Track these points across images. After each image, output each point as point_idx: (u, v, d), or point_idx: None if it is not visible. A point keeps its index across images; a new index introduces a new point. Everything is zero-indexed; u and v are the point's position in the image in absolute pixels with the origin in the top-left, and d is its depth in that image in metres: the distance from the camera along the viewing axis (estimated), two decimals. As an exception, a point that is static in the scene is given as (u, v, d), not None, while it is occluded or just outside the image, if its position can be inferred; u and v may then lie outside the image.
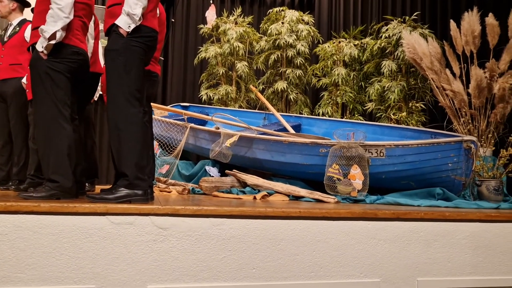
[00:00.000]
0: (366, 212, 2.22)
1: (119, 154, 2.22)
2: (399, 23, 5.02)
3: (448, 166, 3.15)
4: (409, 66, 4.93)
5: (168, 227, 1.96)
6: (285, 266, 2.08)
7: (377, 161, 3.26)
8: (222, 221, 2.03)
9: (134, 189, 2.16)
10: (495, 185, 3.23)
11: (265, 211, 2.09)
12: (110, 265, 1.88)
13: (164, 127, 4.38)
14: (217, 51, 5.56)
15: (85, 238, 1.88)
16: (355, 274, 2.17)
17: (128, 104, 2.20)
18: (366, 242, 2.20)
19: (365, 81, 5.34)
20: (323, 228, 2.15)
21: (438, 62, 4.11)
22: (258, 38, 5.78)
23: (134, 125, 2.21)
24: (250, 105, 5.73)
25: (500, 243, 2.38)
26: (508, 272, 2.38)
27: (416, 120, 4.77)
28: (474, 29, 3.97)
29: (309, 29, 5.54)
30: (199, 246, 1.99)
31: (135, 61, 2.23)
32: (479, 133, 3.93)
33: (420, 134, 3.83)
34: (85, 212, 1.89)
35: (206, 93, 5.59)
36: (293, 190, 3.23)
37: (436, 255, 2.28)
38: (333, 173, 3.22)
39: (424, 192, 3.20)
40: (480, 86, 3.83)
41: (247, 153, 3.83)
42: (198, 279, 1.97)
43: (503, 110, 3.84)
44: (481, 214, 2.39)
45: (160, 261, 1.94)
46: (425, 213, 2.30)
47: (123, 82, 2.20)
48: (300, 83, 5.60)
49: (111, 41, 2.25)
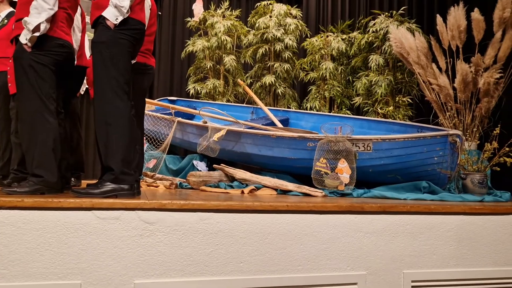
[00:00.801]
0: (353, 205, 2.23)
1: (106, 148, 2.19)
2: (386, 18, 5.04)
3: (434, 159, 3.19)
4: (396, 60, 4.96)
5: (155, 221, 1.95)
6: (273, 259, 2.09)
7: (364, 155, 3.29)
8: (210, 215, 2.02)
9: (120, 184, 2.14)
10: (480, 179, 3.28)
11: (253, 205, 2.09)
12: (95, 260, 1.87)
13: (151, 121, 4.34)
14: (205, 44, 5.52)
15: (70, 233, 1.85)
16: (342, 267, 2.18)
17: (116, 97, 2.17)
18: (353, 235, 2.21)
19: (353, 75, 5.36)
20: (311, 222, 2.16)
21: (424, 57, 4.14)
22: (246, 32, 5.76)
23: (122, 119, 2.19)
24: (238, 99, 5.72)
25: (483, 235, 2.42)
26: (492, 264, 2.42)
27: (403, 114, 4.81)
28: (460, 24, 4.00)
29: (297, 23, 5.53)
30: (186, 240, 1.98)
31: (122, 53, 2.20)
32: (464, 127, 3.97)
33: (406, 128, 3.87)
34: (70, 207, 1.86)
35: (193, 87, 5.56)
36: (281, 184, 3.24)
37: (421, 247, 2.31)
38: (320, 167, 3.23)
39: (410, 186, 3.23)
40: (465, 81, 3.87)
41: (235, 147, 3.82)
42: (185, 273, 1.97)
43: (488, 104, 3.89)
44: (465, 207, 2.42)
45: (146, 256, 1.93)
46: (411, 206, 2.32)
47: (110, 75, 2.17)
48: (288, 77, 5.60)
49: (98, 34, 2.21)
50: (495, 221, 2.44)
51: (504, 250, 2.44)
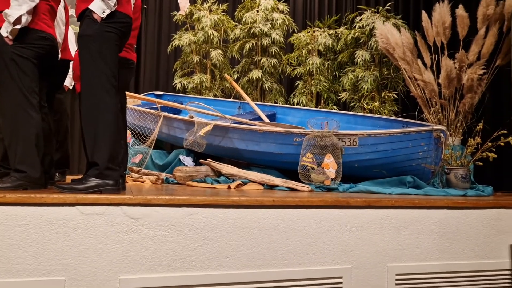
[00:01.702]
0: (338, 200, 2.25)
1: (92, 143, 2.16)
2: (372, 13, 5.07)
3: (419, 154, 3.23)
4: (382, 56, 4.99)
5: (140, 217, 1.94)
6: (259, 254, 2.10)
7: (350, 150, 3.31)
8: (196, 211, 2.02)
9: (105, 179, 2.12)
10: (463, 173, 3.33)
11: (239, 200, 2.09)
12: (80, 256, 1.85)
13: (137, 116, 4.31)
14: (191, 38, 5.49)
15: (54, 229, 1.83)
16: (327, 261, 2.20)
17: (103, 92, 2.14)
18: (338, 230, 2.23)
19: (339, 70, 5.38)
20: (297, 217, 2.17)
21: (410, 53, 4.18)
22: (232, 26, 5.73)
23: (109, 114, 2.16)
24: (224, 94, 5.70)
25: (466, 229, 2.46)
26: (474, 257, 2.47)
27: (389, 109, 4.86)
28: (445, 20, 4.04)
29: (284, 18, 5.52)
30: (172, 236, 1.97)
31: (110, 47, 2.17)
32: (448, 123, 4.03)
33: (392, 123, 3.91)
34: (53, 202, 1.84)
35: (180, 81, 5.52)
36: (268, 179, 3.24)
37: (405, 241, 2.34)
38: (307, 162, 3.25)
39: (395, 180, 3.27)
40: (450, 77, 3.92)
41: (222, 142, 3.81)
42: (171, 268, 1.96)
43: (471, 100, 3.95)
44: (448, 201, 2.46)
45: (132, 252, 1.92)
46: (396, 201, 2.35)
47: (99, 69, 2.13)
48: (275, 72, 5.60)
49: (84, 27, 2.18)
50: (477, 215, 2.49)
51: (485, 243, 2.49)
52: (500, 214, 2.53)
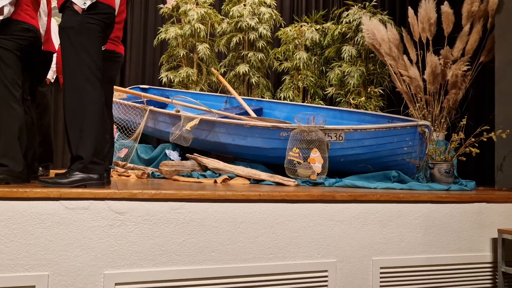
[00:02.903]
0: (324, 194, 2.26)
1: (76, 137, 2.13)
2: (359, 9, 5.09)
3: (404, 149, 3.26)
4: (369, 51, 5.02)
5: (125, 211, 1.92)
6: (245, 248, 2.10)
7: (336, 145, 3.33)
8: (181, 205, 2.01)
9: (89, 173, 2.09)
10: (446, 168, 3.38)
11: (225, 194, 2.09)
12: (64, 251, 1.83)
13: (123, 110, 4.26)
14: (178, 32, 5.44)
15: (37, 224, 1.81)
16: (313, 255, 2.22)
17: (87, 84, 2.11)
18: (324, 224, 2.25)
19: (326, 65, 5.40)
20: (283, 211, 2.18)
21: (396, 48, 4.21)
22: (219, 20, 5.70)
23: (93, 107, 2.13)
24: (211, 88, 5.67)
25: (449, 223, 2.50)
26: (457, 250, 2.51)
27: (375, 105, 4.89)
28: (430, 16, 4.08)
29: (271, 12, 5.50)
30: (157, 230, 1.96)
31: (92, 39, 2.14)
32: (433, 118, 4.08)
33: (377, 118, 3.94)
34: (36, 197, 1.81)
35: (166, 75, 5.47)
36: (254, 173, 3.24)
37: (390, 235, 2.37)
38: (293, 157, 3.26)
39: (380, 175, 3.30)
40: (434, 73, 3.96)
41: (208, 137, 3.80)
42: (156, 263, 1.95)
43: (455, 96, 4.00)
44: (432, 196, 2.49)
45: (117, 246, 1.90)
46: (381, 195, 2.37)
47: (81, 61, 2.10)
48: (262, 67, 5.58)
49: (65, 19, 2.14)
50: (460, 209, 2.53)
51: (468, 236, 2.54)
52: (482, 208, 2.58)
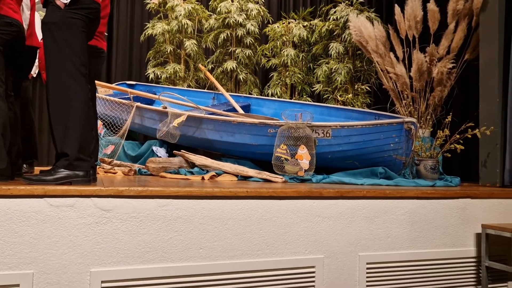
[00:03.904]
0: (311, 191, 2.27)
1: (61, 134, 2.10)
2: (346, 6, 5.10)
3: (390, 146, 3.29)
4: (356, 48, 5.04)
5: (111, 208, 1.90)
6: (232, 245, 2.10)
7: (324, 142, 3.34)
8: (168, 202, 2.00)
9: (74, 170, 2.07)
10: (432, 164, 3.42)
11: (212, 191, 2.08)
12: (49, 249, 1.81)
13: (109, 106, 4.22)
14: (165, 28, 5.39)
15: (21, 222, 1.78)
16: (300, 251, 2.23)
17: (72, 80, 2.08)
18: (311, 220, 2.26)
19: (314, 62, 5.41)
20: (270, 207, 2.18)
21: (382, 46, 4.23)
22: (207, 16, 5.67)
23: (79, 103, 2.10)
24: (199, 84, 5.64)
25: (434, 218, 2.53)
26: (442, 245, 2.55)
27: (361, 102, 4.92)
28: (417, 14, 4.11)
29: (259, 8, 5.49)
30: (144, 227, 1.95)
31: (76, 34, 2.10)
32: (419, 115, 4.12)
33: (364, 115, 3.96)
34: (20, 194, 1.79)
35: (153, 71, 5.43)
36: (242, 170, 3.24)
37: (376, 231, 2.39)
38: (281, 153, 3.26)
39: (367, 171, 3.32)
40: (420, 70, 4.00)
41: (196, 133, 3.78)
42: (143, 260, 1.94)
43: (441, 93, 4.04)
44: (418, 192, 2.52)
45: (103, 244, 1.88)
46: (367, 191, 2.39)
47: (65, 57, 2.06)
48: (250, 63, 5.57)
49: (48, 13, 2.10)
50: (445, 205, 2.56)
51: (453, 232, 2.57)
52: (466, 204, 2.62)
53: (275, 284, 2.16)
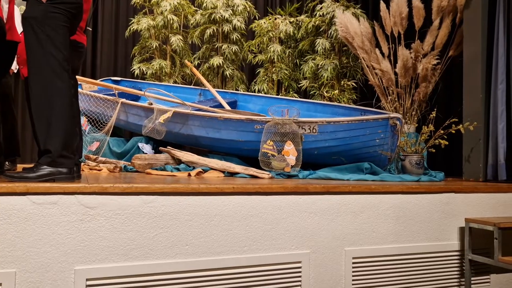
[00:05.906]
0: (298, 186, 2.28)
1: (43, 130, 2.06)
2: (333, 2, 5.11)
3: (376, 141, 3.31)
4: (342, 45, 5.06)
5: (96, 206, 1.88)
6: (219, 241, 2.09)
7: (310, 137, 3.35)
8: (154, 199, 1.99)
9: (58, 167, 2.03)
10: (417, 160, 3.45)
11: (198, 187, 2.07)
12: (32, 247, 1.78)
13: (94, 102, 4.16)
14: (150, 23, 5.34)
15: (3, 220, 1.75)
16: (286, 246, 2.23)
17: (54, 76, 2.04)
18: (298, 216, 2.26)
19: (300, 58, 5.41)
20: (256, 203, 2.18)
21: (368, 42, 4.26)
22: (193, 12, 5.62)
23: (62, 99, 2.06)
24: (185, 80, 5.60)
25: (419, 213, 2.56)
26: (426, 239, 2.58)
27: (348, 97, 4.94)
28: (402, 11, 4.14)
29: (245, 4, 5.47)
30: (129, 224, 1.93)
31: (58, 29, 2.06)
32: (404, 111, 4.16)
33: (351, 111, 3.98)
34: (2, 192, 1.75)
35: (138, 67, 5.37)
36: (228, 166, 3.23)
37: (362, 225, 2.41)
38: (267, 149, 3.26)
39: (353, 167, 3.34)
40: (406, 66, 4.03)
41: (182, 130, 3.76)
42: (128, 258, 1.92)
43: (426, 89, 4.09)
44: (403, 187, 2.54)
45: (87, 241, 1.86)
46: (353, 187, 2.40)
47: (47, 52, 2.02)
48: (236, 59, 5.55)
49: (28, 8, 2.06)
50: (429, 200, 2.59)
51: (437, 226, 2.61)
52: (450, 198, 2.65)
53: (262, 280, 2.17)
